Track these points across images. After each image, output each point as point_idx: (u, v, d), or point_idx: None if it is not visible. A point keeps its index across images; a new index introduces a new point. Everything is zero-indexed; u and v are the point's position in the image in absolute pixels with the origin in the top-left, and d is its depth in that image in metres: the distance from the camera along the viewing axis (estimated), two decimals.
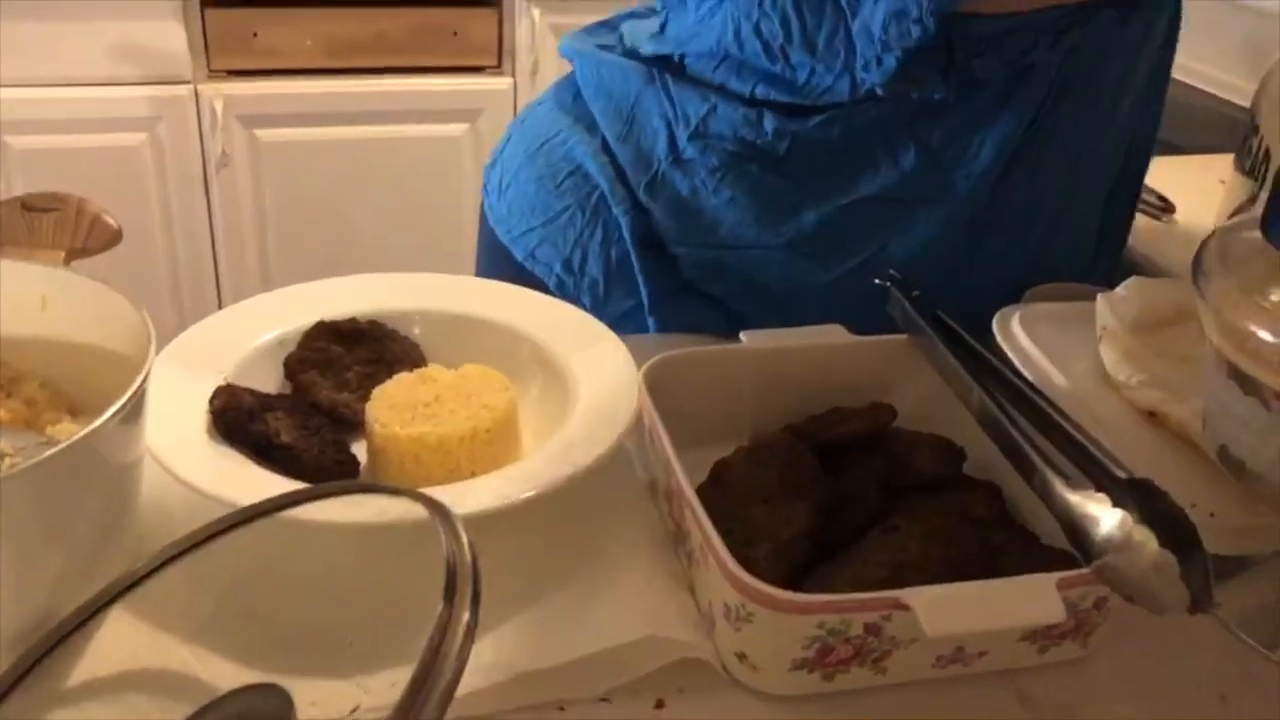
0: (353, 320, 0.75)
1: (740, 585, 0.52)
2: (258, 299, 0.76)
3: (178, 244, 2.16)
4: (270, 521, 0.55)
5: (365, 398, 0.70)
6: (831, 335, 0.73)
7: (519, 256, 0.92)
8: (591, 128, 0.89)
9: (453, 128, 2.21)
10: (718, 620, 0.56)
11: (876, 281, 0.77)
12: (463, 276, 0.80)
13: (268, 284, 2.16)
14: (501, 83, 2.23)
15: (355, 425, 0.70)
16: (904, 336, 0.72)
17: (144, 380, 0.56)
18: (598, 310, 0.83)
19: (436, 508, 0.50)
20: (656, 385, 0.66)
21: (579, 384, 0.70)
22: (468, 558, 0.47)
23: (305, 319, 0.74)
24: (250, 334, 0.72)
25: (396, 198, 2.22)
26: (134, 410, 0.56)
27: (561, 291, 0.89)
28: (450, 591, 0.45)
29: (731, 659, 0.55)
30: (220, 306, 2.18)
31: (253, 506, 0.55)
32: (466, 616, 0.44)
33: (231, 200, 2.16)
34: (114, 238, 0.67)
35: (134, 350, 0.59)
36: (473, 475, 0.66)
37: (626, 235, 0.86)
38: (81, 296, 0.64)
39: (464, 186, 2.22)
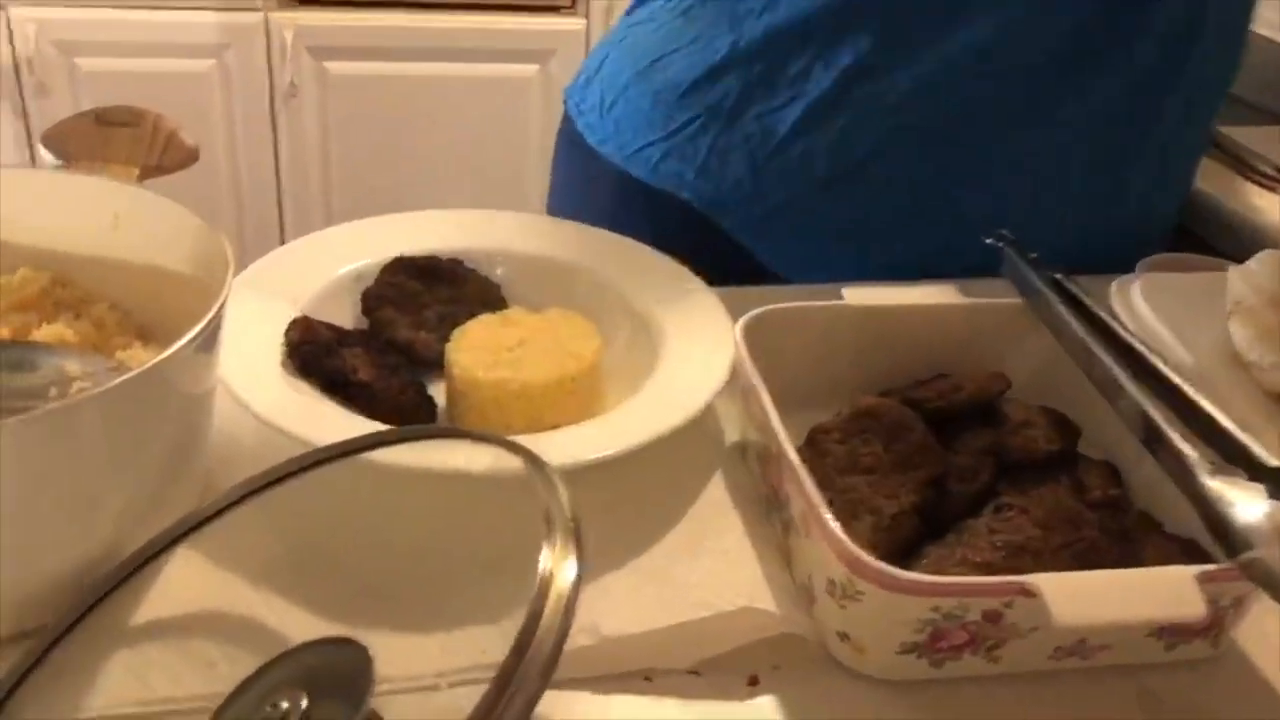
0: (433, 257, 0.71)
1: (851, 560, 0.48)
2: (335, 229, 0.72)
3: (242, 173, 2.13)
4: (350, 463, 0.52)
5: (444, 338, 0.67)
6: (941, 294, 0.68)
7: (638, 173, 0.88)
8: (705, 40, 0.86)
9: (523, 68, 2.16)
10: (818, 595, 0.52)
11: (988, 241, 0.72)
12: (547, 218, 0.76)
13: (329, 218, 2.13)
14: (575, 24, 2.17)
15: (433, 365, 0.67)
16: (1018, 300, 0.67)
17: (221, 307, 0.53)
18: (744, 209, 0.83)
19: (531, 459, 0.47)
20: (754, 340, 0.62)
21: (668, 335, 0.66)
22: (567, 513, 0.43)
23: (383, 253, 0.71)
24: (327, 266, 0.69)
25: (463, 138, 2.18)
26: (209, 338, 0.53)
27: (699, 200, 0.86)
28: (550, 548, 0.42)
29: (833, 638, 0.51)
30: (282, 238, 2.17)
31: (331, 447, 0.51)
32: (570, 577, 0.40)
33: (298, 132, 2.13)
34: (190, 156, 0.63)
35: (208, 275, 0.56)
36: (554, 426, 0.62)
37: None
38: (155, 216, 0.61)
39: (531, 129, 2.18)
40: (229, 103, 2.08)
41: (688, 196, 0.87)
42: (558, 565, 0.41)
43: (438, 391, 0.65)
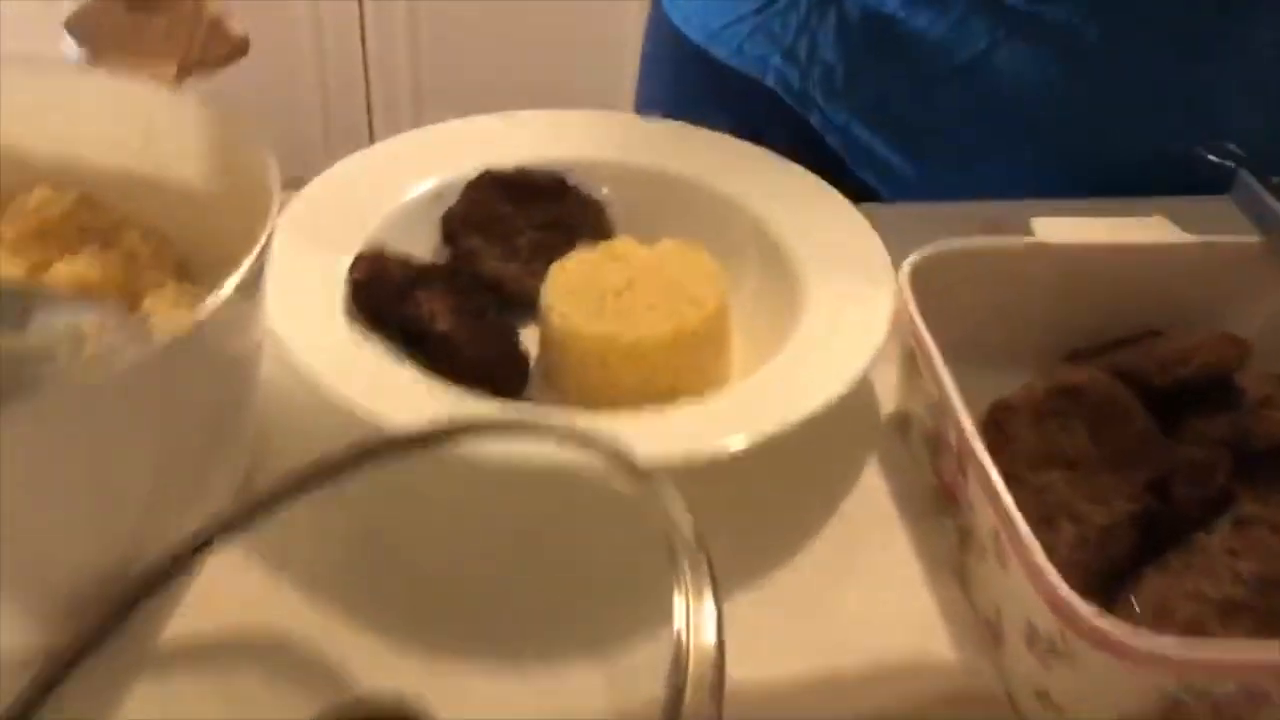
0: (526, 171, 0.60)
1: (1065, 610, 0.36)
2: (407, 137, 0.61)
3: (327, 60, 1.99)
4: (425, 454, 0.41)
5: (539, 272, 0.56)
6: (1155, 230, 0.54)
7: (722, 55, 0.76)
8: None
9: None
10: (1010, 638, 0.41)
11: (1213, 159, 0.58)
12: (663, 122, 0.64)
13: (419, 117, 1.98)
14: None
15: (527, 304, 0.56)
16: (1254, 239, 0.53)
17: (265, 245, 0.42)
18: (833, 103, 0.69)
19: (639, 474, 0.36)
20: (921, 287, 0.50)
21: (811, 275, 0.54)
22: (692, 542, 0.33)
23: (467, 166, 0.59)
24: (399, 184, 0.58)
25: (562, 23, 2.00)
26: (251, 283, 0.42)
27: (784, 89, 0.73)
28: (680, 592, 0.31)
29: (1028, 696, 0.40)
30: (372, 136, 2.02)
31: (396, 436, 0.41)
32: (712, 639, 0.30)
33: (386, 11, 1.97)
34: (237, 48, 0.53)
35: (254, 198, 0.45)
36: (672, 390, 0.51)
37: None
38: (195, 126, 0.50)
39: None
40: None
41: (772, 84, 0.74)
42: (696, 624, 0.31)
43: (532, 336, 0.54)
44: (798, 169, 0.60)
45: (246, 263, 0.41)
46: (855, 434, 0.51)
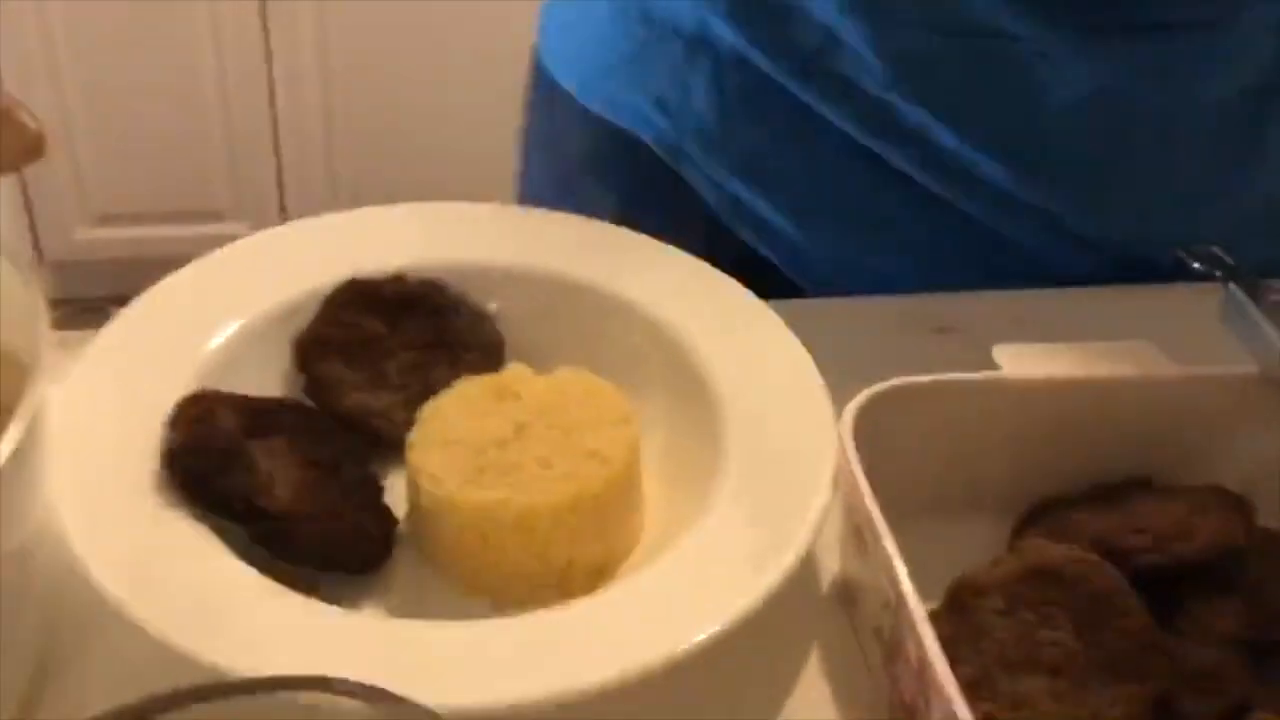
0: (399, 278, 0.50)
1: None
2: (255, 240, 0.51)
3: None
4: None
5: (415, 402, 0.46)
6: (1136, 355, 0.46)
7: (595, 108, 0.66)
8: None
9: None
10: None
11: (1186, 260, 0.50)
12: (567, 216, 0.54)
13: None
14: None
15: (398, 444, 0.46)
16: (1248, 369, 0.46)
17: (34, 415, 0.33)
18: (709, 156, 0.62)
19: None
20: (866, 429, 0.41)
21: (731, 407, 0.45)
22: None
23: (327, 275, 0.49)
24: (243, 299, 0.48)
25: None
26: (18, 463, 0.33)
27: (658, 140, 0.65)
28: None
29: None
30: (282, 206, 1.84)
31: (190, 689, 0.31)
32: None
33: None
34: (33, 145, 0.42)
35: (29, 349, 0.35)
36: (568, 565, 0.42)
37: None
38: None
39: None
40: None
41: (646, 138, 0.65)
42: None
43: (399, 484, 0.45)
44: (719, 276, 0.51)
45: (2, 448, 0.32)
46: (792, 617, 0.42)
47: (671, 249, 0.52)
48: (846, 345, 0.52)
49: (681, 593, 0.39)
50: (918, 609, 0.35)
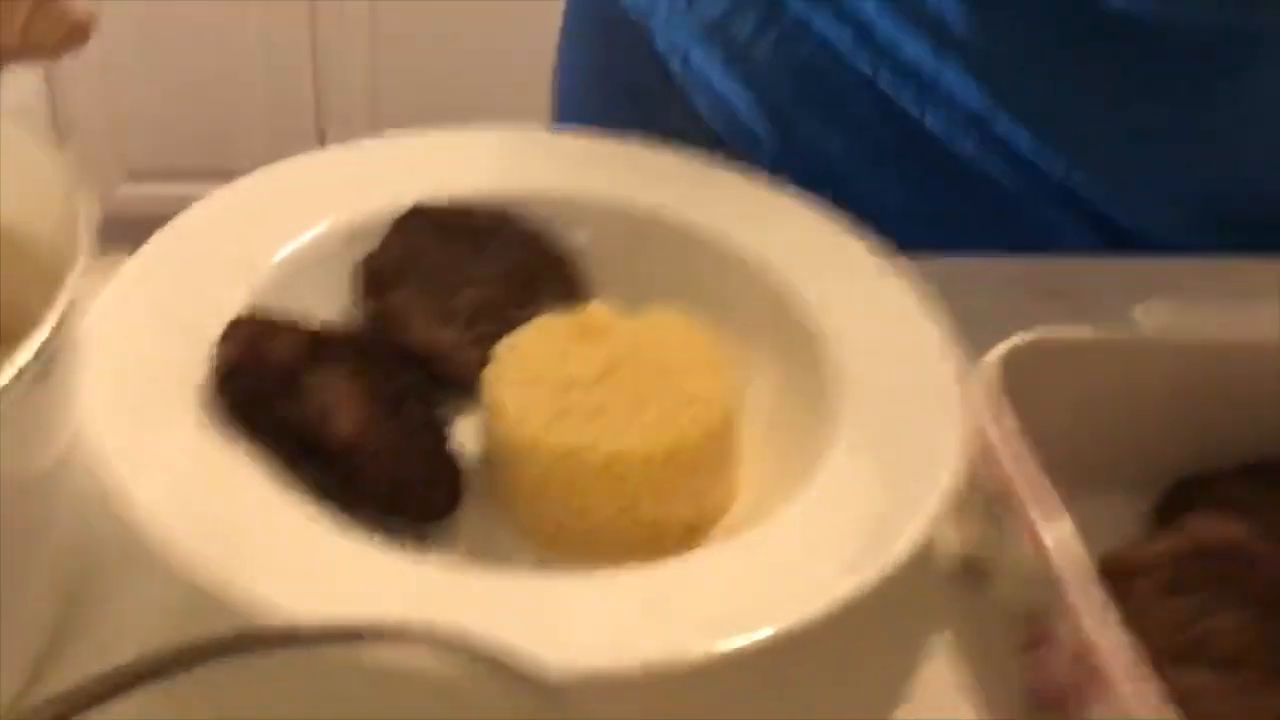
0: (473, 206, 0.45)
1: None
2: (316, 157, 0.46)
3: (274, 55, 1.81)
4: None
5: (484, 342, 0.42)
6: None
7: None
8: None
9: None
10: None
11: None
12: (656, 149, 0.49)
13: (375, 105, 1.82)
14: None
15: (465, 385, 0.42)
16: None
17: (63, 320, 0.28)
18: (674, 19, 0.57)
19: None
20: (1008, 391, 0.36)
21: (840, 354, 0.41)
22: None
23: (394, 198, 0.45)
24: (301, 219, 0.43)
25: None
26: (45, 369, 0.28)
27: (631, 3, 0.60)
28: None
29: None
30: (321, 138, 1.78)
31: (245, 634, 0.27)
32: None
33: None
34: (77, 31, 0.38)
35: (65, 248, 0.31)
36: (656, 523, 0.37)
37: None
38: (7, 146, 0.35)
39: None
40: None
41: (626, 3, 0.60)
42: None
43: (471, 428, 0.40)
44: (826, 217, 0.46)
45: (30, 347, 0.27)
46: (911, 598, 0.37)
47: (772, 186, 0.47)
48: (950, 307, 0.48)
49: (787, 562, 0.34)
50: (1078, 585, 0.30)
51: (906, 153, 0.56)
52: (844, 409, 0.39)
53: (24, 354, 0.27)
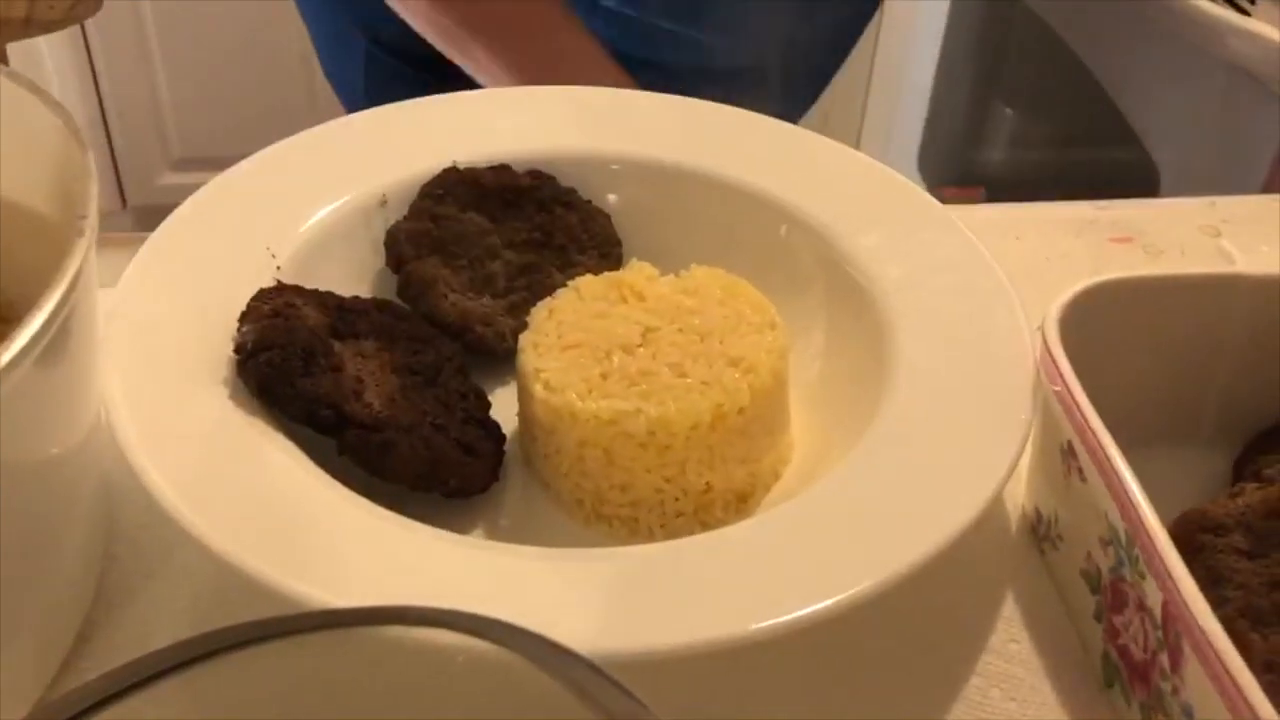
0: (503, 168, 0.44)
1: None
2: (343, 123, 0.45)
3: None
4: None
5: (519, 308, 0.40)
6: None
7: None
8: None
9: None
10: None
11: None
12: (689, 102, 0.47)
13: None
14: None
15: (501, 354, 0.40)
16: None
17: (69, 290, 0.27)
18: None
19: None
20: (1074, 339, 0.34)
21: (893, 307, 0.38)
22: None
23: (425, 161, 0.43)
24: (328, 186, 0.42)
25: None
26: (57, 344, 0.27)
27: None
28: None
29: None
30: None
31: (274, 622, 0.25)
32: None
33: None
34: (83, 4, 0.36)
35: (73, 217, 0.30)
36: (705, 491, 0.35)
37: None
38: (4, 105, 0.34)
39: None
40: None
41: None
42: None
43: (505, 397, 0.39)
44: (875, 165, 0.44)
45: (37, 317, 0.26)
46: (982, 559, 0.35)
47: (815, 137, 0.45)
48: (1015, 254, 0.45)
49: (846, 529, 0.32)
50: (1165, 543, 0.28)
51: None
52: (899, 365, 0.36)
53: (25, 332, 0.26)
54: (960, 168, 1.26)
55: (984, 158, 1.25)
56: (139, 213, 1.83)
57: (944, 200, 0.42)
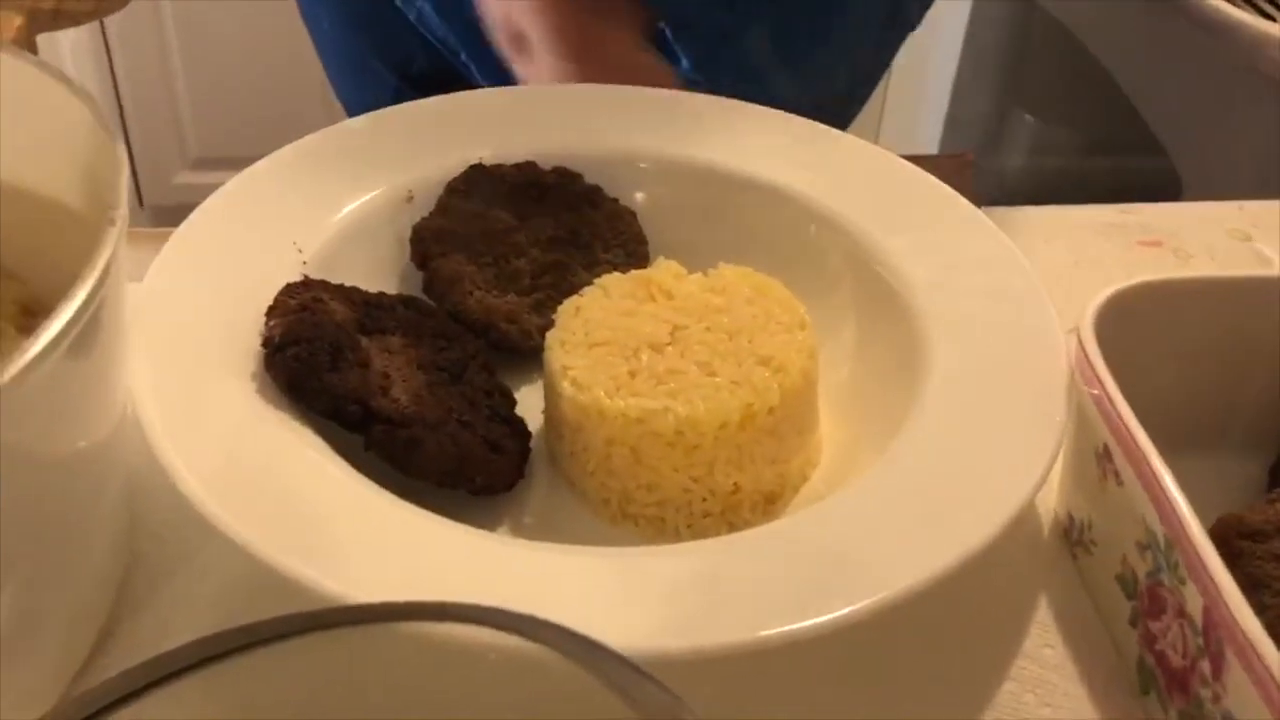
0: (529, 165, 0.43)
1: None
2: (369, 119, 0.45)
3: None
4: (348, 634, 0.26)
5: (545, 306, 0.40)
6: None
7: None
8: None
9: None
10: None
11: None
12: (712, 99, 0.47)
13: None
14: None
15: (527, 351, 0.40)
16: None
17: (99, 283, 0.27)
18: None
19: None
20: (1109, 342, 0.33)
21: (925, 307, 0.38)
22: None
23: (449, 160, 0.43)
24: (353, 183, 0.42)
25: None
26: (87, 335, 0.27)
27: None
28: None
29: None
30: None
31: (298, 617, 0.25)
32: None
33: None
34: None
35: (102, 210, 0.29)
36: (734, 491, 0.35)
37: None
38: (34, 96, 0.34)
39: None
40: None
41: None
42: None
43: (530, 396, 0.38)
44: (905, 166, 0.43)
45: (66, 310, 0.26)
46: (1014, 564, 0.34)
47: (844, 136, 0.45)
48: (1043, 257, 0.45)
49: (876, 531, 0.31)
50: (1207, 548, 0.28)
51: None
52: (930, 367, 0.36)
53: (57, 322, 0.26)
54: (979, 174, 1.25)
55: (1003, 164, 1.24)
56: (156, 212, 1.84)
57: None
